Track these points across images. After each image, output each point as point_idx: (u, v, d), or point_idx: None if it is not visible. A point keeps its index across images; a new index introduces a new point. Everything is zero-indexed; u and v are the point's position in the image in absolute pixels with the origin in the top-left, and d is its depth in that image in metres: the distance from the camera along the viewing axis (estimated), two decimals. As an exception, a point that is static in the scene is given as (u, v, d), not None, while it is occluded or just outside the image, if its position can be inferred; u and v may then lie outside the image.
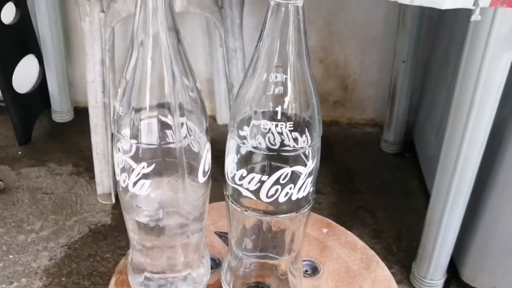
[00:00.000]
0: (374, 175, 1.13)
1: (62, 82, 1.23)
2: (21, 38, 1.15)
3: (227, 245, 0.53)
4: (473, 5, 0.52)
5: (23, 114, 1.15)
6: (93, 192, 1.02)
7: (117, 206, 0.99)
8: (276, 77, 0.37)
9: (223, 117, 1.25)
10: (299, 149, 0.39)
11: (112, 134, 0.96)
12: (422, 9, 1.02)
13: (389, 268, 0.55)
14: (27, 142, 1.17)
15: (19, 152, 1.14)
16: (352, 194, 1.07)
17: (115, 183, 0.98)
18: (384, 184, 1.10)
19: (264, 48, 0.37)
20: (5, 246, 0.89)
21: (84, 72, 0.93)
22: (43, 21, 1.14)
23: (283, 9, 0.35)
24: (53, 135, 1.21)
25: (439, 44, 1.07)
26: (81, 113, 1.27)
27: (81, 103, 1.30)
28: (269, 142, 0.38)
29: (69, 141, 1.19)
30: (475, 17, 0.52)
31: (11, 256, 0.88)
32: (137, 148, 0.39)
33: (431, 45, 1.13)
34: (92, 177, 1.03)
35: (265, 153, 0.39)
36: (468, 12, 0.53)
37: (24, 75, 1.18)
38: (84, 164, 1.10)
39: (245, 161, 0.40)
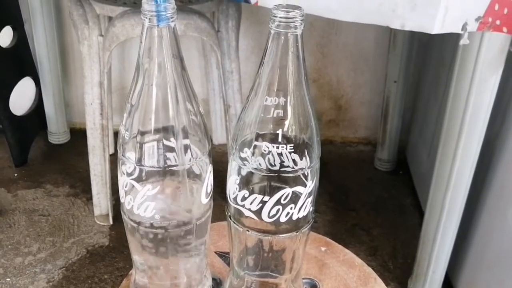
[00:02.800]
0: (369, 193, 1.14)
1: (58, 104, 1.24)
2: (18, 61, 1.16)
3: (228, 264, 0.54)
4: (462, 29, 0.54)
5: (19, 136, 1.16)
6: (90, 213, 1.02)
7: (114, 227, 0.99)
8: (276, 101, 0.39)
9: (218, 138, 1.26)
10: (298, 170, 0.40)
11: (110, 155, 0.97)
12: (412, 32, 1.05)
13: (386, 285, 0.56)
14: (24, 164, 1.17)
15: (15, 174, 1.14)
16: (347, 212, 1.08)
17: (113, 204, 0.99)
18: (379, 202, 1.11)
19: (265, 74, 0.39)
20: (2, 269, 0.89)
21: (81, 93, 0.95)
22: (40, 44, 1.16)
23: (283, 37, 0.37)
24: (49, 157, 1.22)
25: (429, 65, 1.10)
26: (77, 135, 1.28)
27: (77, 125, 1.31)
28: (270, 163, 0.40)
29: (66, 162, 1.19)
30: (463, 41, 0.55)
31: (8, 279, 0.87)
32: (142, 171, 0.40)
33: (422, 66, 1.17)
34: (89, 198, 1.03)
35: (266, 174, 0.40)
36: (456, 35, 0.56)
37: (21, 97, 1.19)
38: (81, 186, 1.11)
39: (247, 182, 0.41)
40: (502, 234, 0.75)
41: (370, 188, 1.16)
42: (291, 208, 0.41)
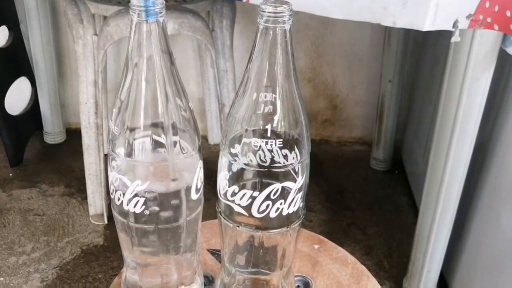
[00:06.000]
0: (364, 192, 1.14)
1: (54, 104, 1.24)
2: (14, 61, 1.16)
3: (220, 262, 0.54)
4: (453, 27, 0.54)
5: (15, 136, 1.15)
6: (85, 213, 1.02)
7: (109, 226, 0.99)
8: (265, 96, 0.39)
9: (214, 137, 1.26)
10: (288, 165, 0.40)
11: (105, 155, 0.97)
12: (406, 31, 1.05)
13: (381, 284, 0.56)
14: (19, 163, 1.17)
15: (11, 174, 1.14)
16: (343, 211, 1.08)
17: (108, 203, 0.99)
18: (375, 201, 1.11)
19: (254, 69, 0.39)
20: (-4, 269, 0.89)
21: (76, 93, 0.95)
22: (36, 43, 1.16)
23: (271, 32, 0.37)
24: (45, 157, 1.22)
25: (424, 64, 1.10)
26: (73, 135, 1.28)
27: (73, 125, 1.31)
28: (260, 159, 0.40)
29: (61, 162, 1.19)
30: (455, 38, 0.55)
31: (2, 279, 0.87)
32: (131, 166, 0.40)
33: (416, 66, 1.17)
34: (84, 198, 1.03)
35: (256, 169, 0.40)
36: (450, 34, 0.56)
37: (17, 97, 1.19)
38: (76, 185, 1.11)
39: (237, 177, 0.41)
40: (496, 234, 0.75)
41: (366, 188, 1.16)
42: (281, 204, 0.41)
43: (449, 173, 0.70)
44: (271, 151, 0.39)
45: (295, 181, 0.41)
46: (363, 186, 1.17)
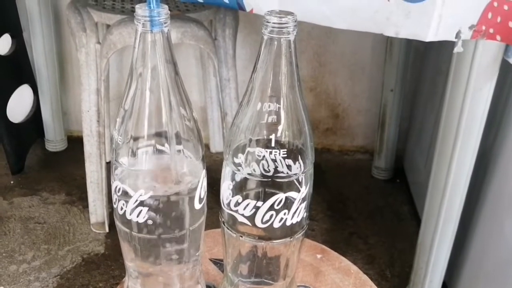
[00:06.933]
0: (366, 201, 1.14)
1: (56, 111, 1.24)
2: (16, 69, 1.16)
3: (222, 272, 0.54)
4: (455, 37, 0.54)
5: (16, 143, 1.16)
6: (86, 221, 1.02)
7: (110, 235, 0.99)
8: (269, 106, 0.39)
9: (216, 146, 1.26)
10: (292, 176, 0.40)
11: (106, 163, 0.96)
12: (408, 40, 1.06)
13: (383, 294, 0.56)
14: (20, 171, 1.17)
15: (12, 182, 1.14)
16: (345, 221, 1.07)
17: (109, 212, 0.99)
18: (376, 210, 1.11)
19: (258, 79, 0.39)
20: (-4, 277, 0.89)
21: (78, 101, 0.95)
22: (39, 51, 1.17)
23: (275, 42, 0.37)
24: (46, 164, 1.22)
25: (426, 74, 1.11)
26: (74, 142, 1.28)
27: (75, 132, 1.31)
28: (264, 169, 0.40)
29: (63, 170, 1.19)
30: (457, 49, 0.55)
31: (2, 287, 0.87)
32: (135, 176, 0.40)
33: (418, 75, 1.17)
34: (85, 206, 1.03)
35: (259, 179, 0.40)
36: (452, 44, 0.56)
37: (19, 105, 1.19)
38: (77, 193, 1.10)
39: (240, 187, 0.41)
40: (499, 243, 0.74)
41: (368, 197, 1.16)
42: (284, 214, 0.41)
43: (451, 182, 0.70)
44: (274, 161, 0.39)
45: (299, 191, 0.41)
46: (364, 195, 1.16)
